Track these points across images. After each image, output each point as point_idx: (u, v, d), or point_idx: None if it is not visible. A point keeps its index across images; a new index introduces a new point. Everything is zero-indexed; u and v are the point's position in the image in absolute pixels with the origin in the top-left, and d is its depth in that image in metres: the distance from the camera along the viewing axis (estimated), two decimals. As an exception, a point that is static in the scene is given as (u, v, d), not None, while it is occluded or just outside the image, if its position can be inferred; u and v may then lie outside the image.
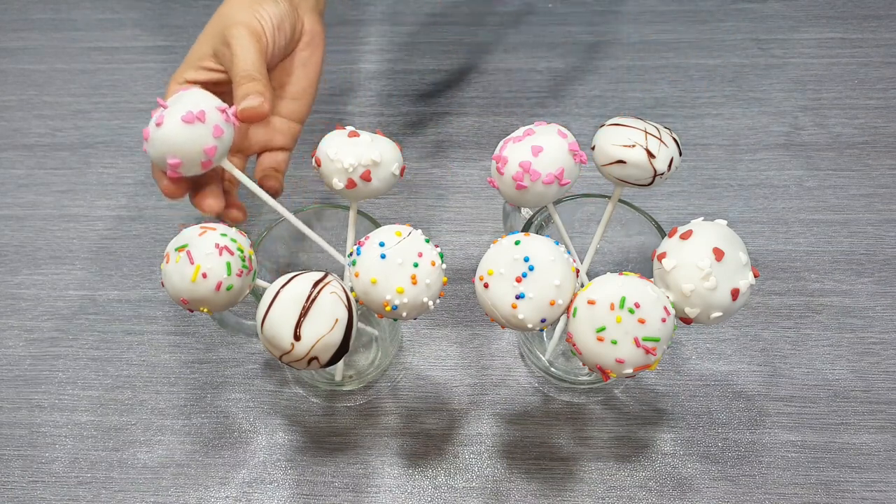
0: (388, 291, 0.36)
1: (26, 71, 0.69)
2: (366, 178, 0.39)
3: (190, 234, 0.38)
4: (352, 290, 0.37)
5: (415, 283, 0.36)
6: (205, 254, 0.37)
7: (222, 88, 0.44)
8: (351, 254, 0.38)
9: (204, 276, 0.37)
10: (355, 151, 0.38)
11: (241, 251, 0.38)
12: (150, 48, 0.70)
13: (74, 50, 0.71)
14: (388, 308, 0.36)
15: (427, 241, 0.37)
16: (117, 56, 0.70)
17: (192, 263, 0.37)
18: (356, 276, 0.37)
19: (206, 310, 0.38)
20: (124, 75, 0.68)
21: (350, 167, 0.38)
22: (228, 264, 0.37)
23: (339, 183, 0.39)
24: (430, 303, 0.37)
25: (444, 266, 0.37)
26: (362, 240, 0.37)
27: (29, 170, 0.62)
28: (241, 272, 0.38)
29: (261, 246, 0.45)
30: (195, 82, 0.44)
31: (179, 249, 0.37)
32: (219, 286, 0.37)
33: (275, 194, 0.45)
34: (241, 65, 0.42)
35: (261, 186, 0.42)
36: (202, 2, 0.75)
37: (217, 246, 0.37)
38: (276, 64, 0.46)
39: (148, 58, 0.69)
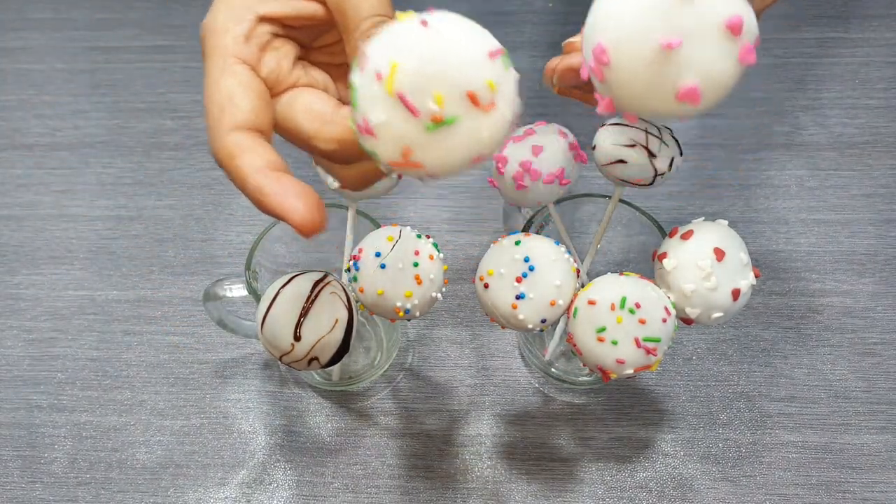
0: (398, 299, 0.36)
1: (25, 70, 0.69)
2: None
3: None
4: (358, 303, 0.37)
5: (420, 283, 0.36)
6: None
7: (296, 27, 0.29)
8: (348, 269, 0.37)
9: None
10: None
11: None
12: (149, 48, 0.70)
13: (74, 49, 0.71)
14: (401, 314, 0.36)
15: (419, 236, 0.37)
16: (117, 55, 0.70)
17: None
18: (360, 291, 0.36)
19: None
20: (124, 75, 0.68)
21: None
22: None
23: (333, 182, 0.39)
24: (438, 294, 0.37)
25: (441, 256, 0.37)
26: (356, 253, 0.37)
27: (28, 169, 0.62)
28: None
29: (260, 246, 0.45)
30: (272, 19, 0.29)
31: None
32: None
33: None
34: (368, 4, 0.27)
35: None
36: (201, 1, 0.75)
37: None
38: None
39: (148, 57, 0.69)
